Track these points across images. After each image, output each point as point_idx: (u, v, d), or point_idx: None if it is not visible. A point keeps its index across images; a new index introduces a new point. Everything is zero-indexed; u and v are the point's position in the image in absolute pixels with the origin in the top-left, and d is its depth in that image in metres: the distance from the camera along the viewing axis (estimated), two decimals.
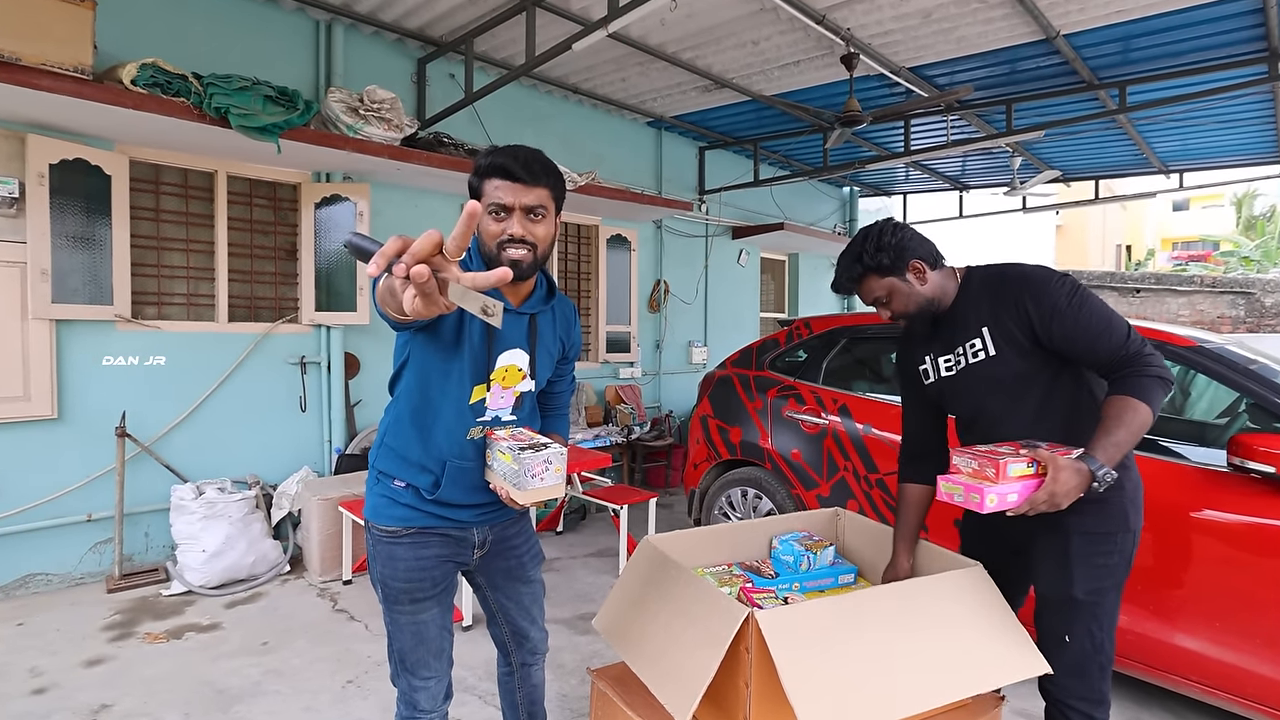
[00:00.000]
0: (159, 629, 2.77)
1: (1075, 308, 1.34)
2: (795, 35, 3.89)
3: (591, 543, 4.03)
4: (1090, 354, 1.35)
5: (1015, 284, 1.41)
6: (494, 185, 1.20)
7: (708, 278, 6.25)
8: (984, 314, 1.44)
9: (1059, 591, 1.39)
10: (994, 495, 1.23)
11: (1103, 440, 1.25)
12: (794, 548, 1.74)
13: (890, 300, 1.50)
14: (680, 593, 1.42)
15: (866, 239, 1.49)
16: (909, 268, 1.47)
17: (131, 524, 3.33)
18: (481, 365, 1.27)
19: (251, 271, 3.75)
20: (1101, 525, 1.38)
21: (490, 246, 1.22)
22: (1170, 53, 4.08)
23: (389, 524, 1.32)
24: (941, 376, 1.55)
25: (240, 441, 3.64)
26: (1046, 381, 1.42)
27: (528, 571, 1.51)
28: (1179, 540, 2.01)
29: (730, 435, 3.43)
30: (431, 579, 1.34)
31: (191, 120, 2.98)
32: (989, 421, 1.48)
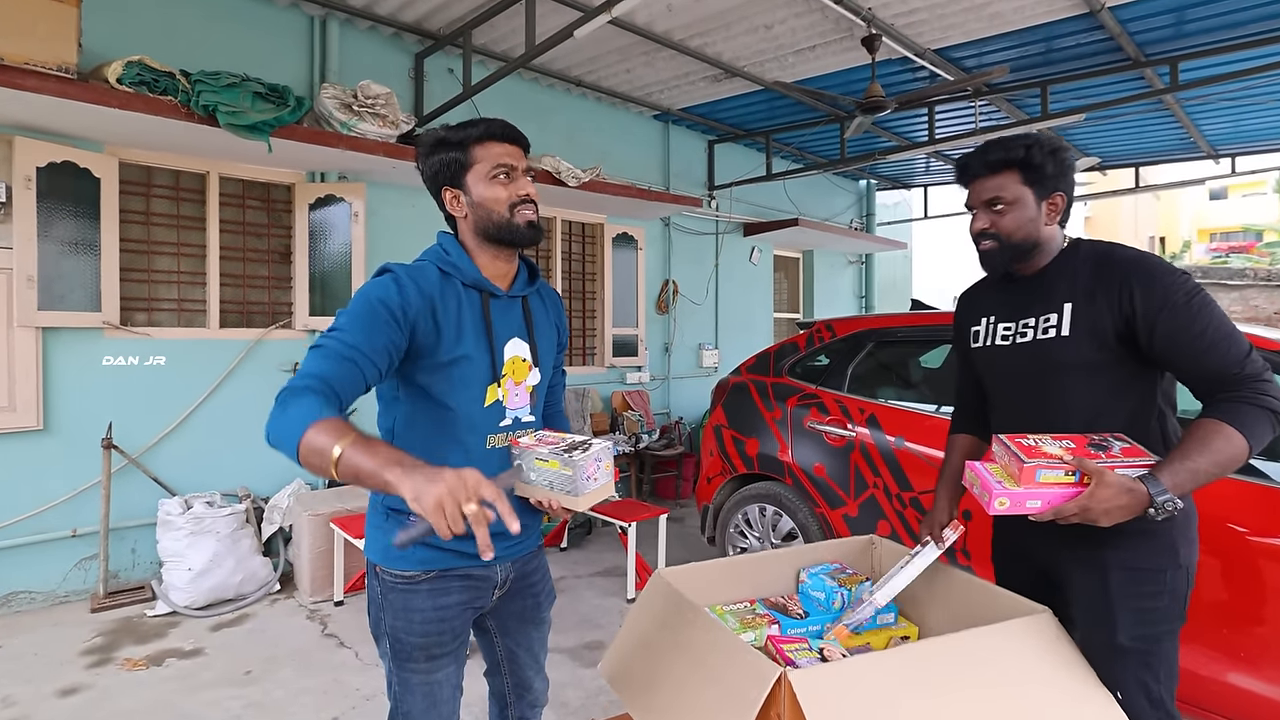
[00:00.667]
0: (139, 654, 2.64)
1: (1193, 307, 1.14)
2: (812, 17, 3.65)
3: (598, 560, 3.83)
4: (1194, 366, 1.14)
5: (1126, 265, 1.21)
6: (496, 149, 1.17)
7: (718, 277, 6.01)
8: (1075, 290, 1.25)
9: (1101, 638, 1.20)
10: (1004, 498, 1.09)
11: (1177, 463, 1.07)
12: (825, 582, 1.53)
13: (1006, 211, 1.27)
14: (698, 640, 1.22)
15: (1041, 139, 1.27)
16: (1052, 195, 1.28)
17: (118, 539, 3.21)
18: (487, 362, 1.17)
19: (244, 275, 3.62)
20: (1146, 560, 1.19)
21: (502, 211, 1.17)
22: (1227, 24, 3.74)
23: (406, 568, 1.17)
24: (994, 344, 1.37)
25: (231, 453, 3.50)
26: (1111, 386, 1.22)
27: (542, 612, 1.40)
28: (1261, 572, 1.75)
29: (747, 447, 3.21)
30: (452, 631, 1.21)
31: (180, 119, 2.86)
32: (1018, 412, 1.32)
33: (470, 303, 1.18)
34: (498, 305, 1.22)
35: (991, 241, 1.30)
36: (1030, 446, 1.14)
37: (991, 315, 1.39)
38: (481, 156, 1.17)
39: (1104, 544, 1.19)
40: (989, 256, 1.32)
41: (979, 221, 1.31)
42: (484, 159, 1.17)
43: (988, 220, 1.29)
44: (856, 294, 7.86)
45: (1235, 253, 16.56)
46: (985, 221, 1.30)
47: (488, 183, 1.17)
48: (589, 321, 5.21)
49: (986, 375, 1.42)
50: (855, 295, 7.85)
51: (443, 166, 1.19)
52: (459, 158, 1.17)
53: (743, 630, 1.39)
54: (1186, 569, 1.21)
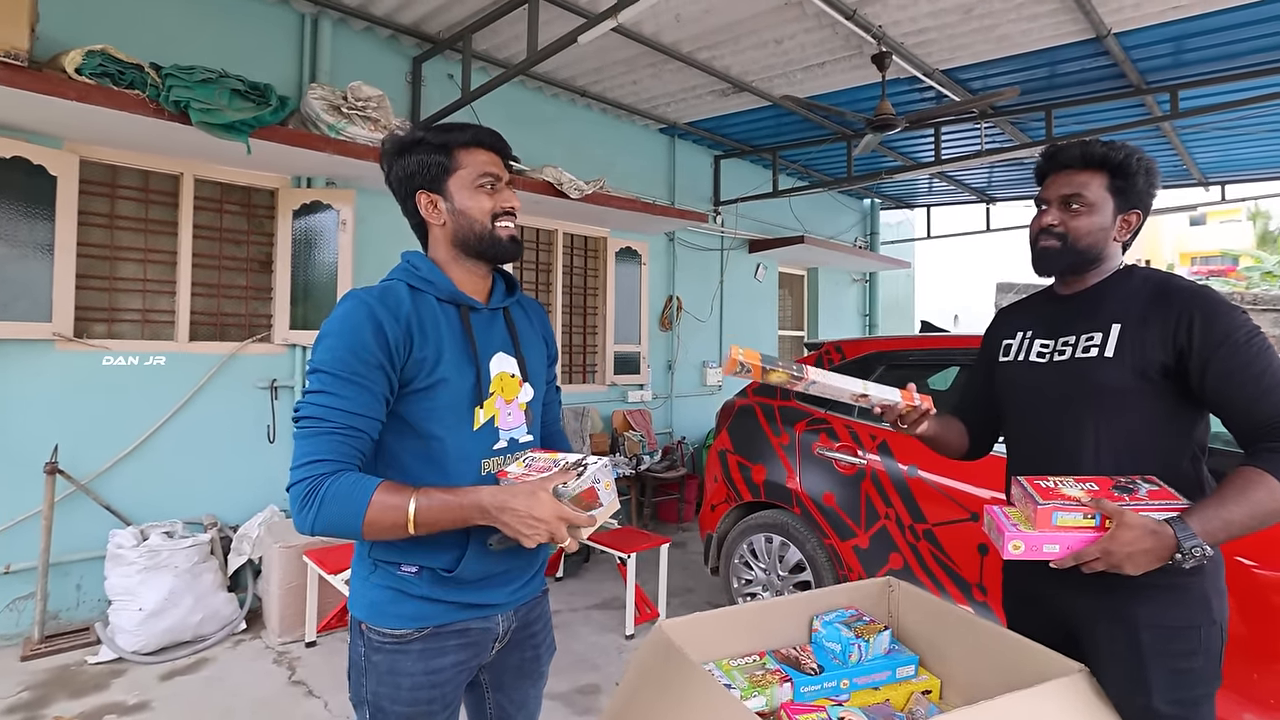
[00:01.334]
0: (72, 711, 2.33)
1: (1253, 347, 1.08)
2: (822, 34, 3.57)
3: (595, 591, 3.60)
4: (1245, 409, 1.07)
5: (1187, 295, 1.15)
6: (483, 157, 1.11)
7: (723, 293, 5.90)
8: (1127, 311, 1.18)
9: (1134, 703, 1.10)
10: (1019, 541, 1.03)
11: (1211, 510, 0.99)
12: (840, 633, 1.39)
13: (1083, 213, 1.20)
14: (703, 708, 1.07)
15: (1138, 151, 1.22)
16: (1132, 210, 1.22)
17: (61, 575, 2.90)
18: (472, 381, 1.07)
19: (219, 285, 3.38)
20: (1179, 617, 1.11)
21: (485, 222, 1.11)
22: (1225, 54, 3.77)
23: (397, 626, 1.05)
24: (1028, 360, 1.29)
25: (198, 477, 3.23)
26: (1145, 420, 1.15)
27: (542, 665, 1.27)
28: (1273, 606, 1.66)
29: (753, 474, 3.05)
30: (443, 699, 1.08)
31: (147, 115, 2.64)
32: (1038, 439, 1.25)
33: (448, 319, 1.09)
34: (479, 319, 1.13)
35: (1056, 241, 1.22)
36: (1048, 489, 1.08)
37: (1029, 330, 1.32)
38: (467, 163, 1.10)
39: (1131, 597, 1.11)
40: (1046, 256, 1.24)
41: (1049, 216, 1.23)
42: (469, 165, 1.10)
43: (1058, 217, 1.22)
44: (861, 312, 7.84)
45: (1214, 276, 17.02)
46: (1055, 218, 1.22)
47: (472, 191, 1.10)
48: (590, 338, 5.03)
49: (1009, 394, 1.33)
50: (859, 314, 7.82)
51: (421, 169, 1.09)
52: (442, 161, 1.09)
53: (752, 692, 1.25)
54: (1220, 625, 1.13)
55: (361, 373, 0.97)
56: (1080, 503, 1.03)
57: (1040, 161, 1.28)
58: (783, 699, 1.24)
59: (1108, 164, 1.19)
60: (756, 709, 1.18)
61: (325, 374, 0.97)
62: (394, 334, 0.99)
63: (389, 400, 1.01)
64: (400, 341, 1.00)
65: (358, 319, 0.99)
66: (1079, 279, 1.25)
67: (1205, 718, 1.12)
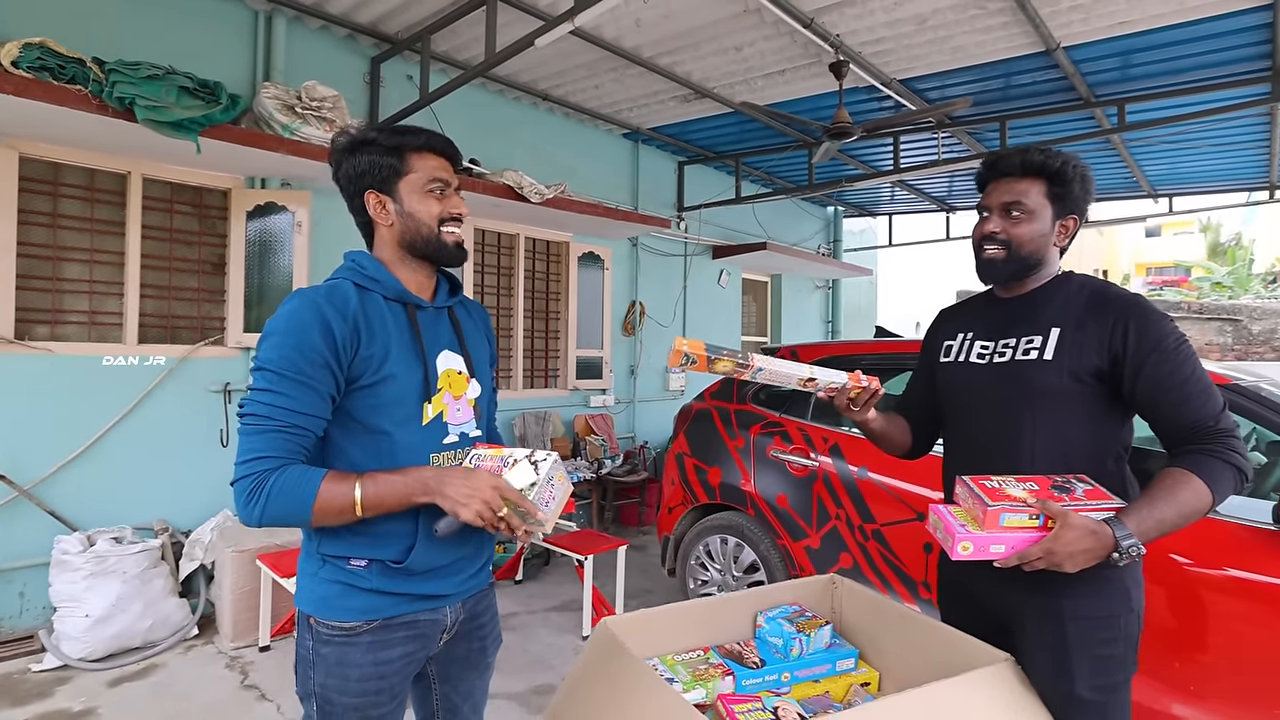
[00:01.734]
0: (14, 719, 2.29)
1: (1181, 355, 1.14)
2: (781, 41, 3.63)
3: (554, 594, 3.61)
4: (1172, 413, 1.14)
5: (1122, 303, 1.20)
6: (433, 162, 1.13)
7: (686, 299, 5.94)
8: (1066, 316, 1.23)
9: (1061, 690, 1.16)
10: (967, 542, 1.06)
11: (1144, 510, 1.05)
12: (783, 628, 1.43)
13: (1024, 219, 1.24)
14: (640, 702, 1.10)
15: (1073, 158, 1.26)
16: (1070, 215, 1.26)
17: (3, 582, 2.83)
18: (419, 377, 1.10)
19: (170, 287, 3.31)
20: (1101, 608, 1.17)
21: (430, 225, 1.12)
22: (1170, 70, 3.92)
23: (347, 619, 1.06)
24: (968, 360, 1.33)
25: (148, 482, 3.16)
26: (1079, 420, 1.20)
27: (488, 657, 1.29)
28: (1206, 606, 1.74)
29: (709, 476, 3.09)
30: (390, 690, 1.09)
31: (90, 111, 2.58)
32: (976, 439, 1.30)
33: (395, 317, 1.11)
34: (425, 317, 1.15)
35: (999, 249, 1.26)
36: (994, 489, 1.11)
37: (970, 332, 1.36)
38: (418, 167, 1.12)
39: (1058, 591, 1.16)
40: (991, 265, 1.28)
41: (991, 224, 1.26)
42: (420, 170, 1.12)
43: (1000, 225, 1.25)
44: (824, 319, 7.94)
45: (1168, 286, 17.65)
46: (998, 225, 1.25)
47: (422, 195, 1.12)
48: (552, 342, 5.02)
49: (949, 394, 1.38)
50: (823, 320, 7.92)
51: (372, 169, 1.11)
52: (393, 164, 1.11)
53: (694, 685, 1.29)
54: (1138, 614, 1.20)
55: (307, 372, 0.99)
56: (1026, 504, 1.07)
57: (980, 170, 1.31)
58: (723, 691, 1.27)
59: (1046, 171, 1.23)
60: (695, 701, 1.22)
61: (271, 373, 0.98)
62: (341, 332, 1.01)
63: (335, 398, 1.03)
64: (347, 339, 1.02)
65: (304, 318, 0.99)
66: (1021, 283, 1.29)
67: (1123, 702, 1.18)
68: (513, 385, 4.70)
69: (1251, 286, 15.01)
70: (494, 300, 4.66)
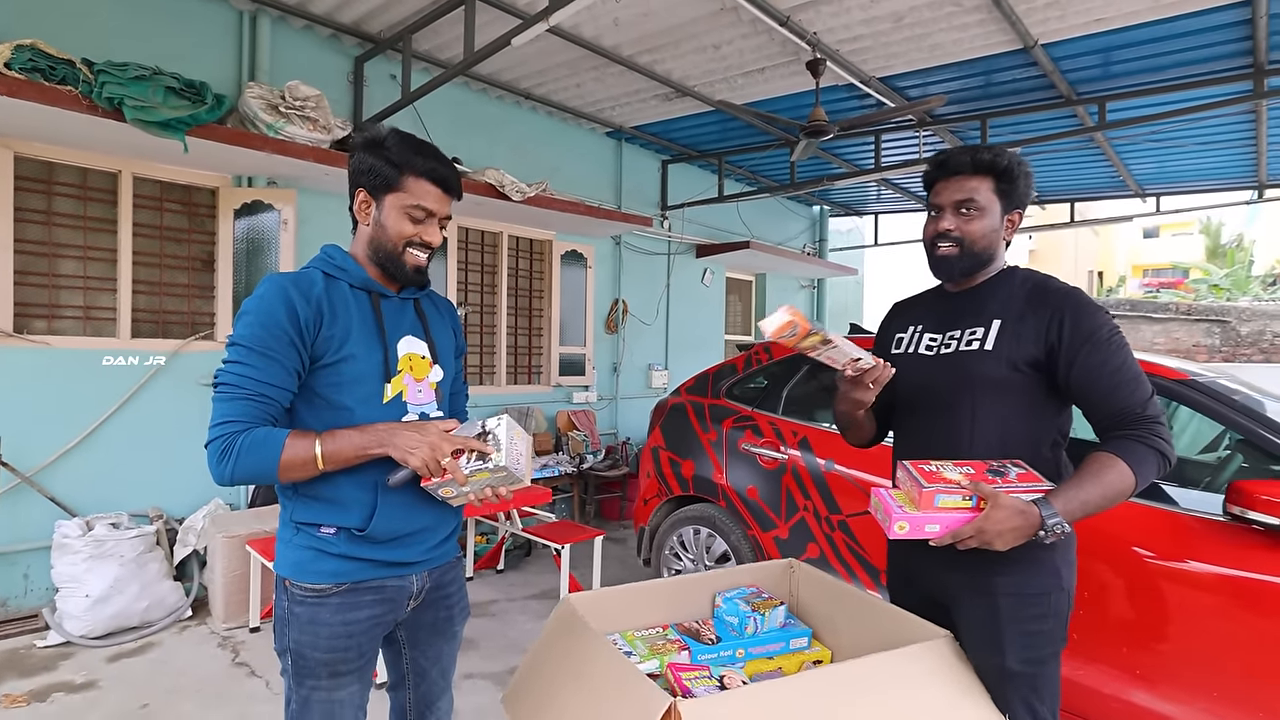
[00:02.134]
0: (21, 689, 2.41)
1: (1113, 346, 1.20)
2: (759, 39, 3.68)
3: (534, 583, 3.70)
4: (1103, 401, 1.20)
5: (1060, 295, 1.26)
6: (423, 188, 1.18)
7: (670, 297, 5.99)
8: (1007, 308, 1.28)
9: (992, 663, 1.23)
10: (904, 522, 1.12)
11: (1070, 491, 1.12)
12: (739, 607, 1.49)
13: (976, 217, 1.29)
14: (594, 669, 1.17)
15: (1017, 155, 1.31)
16: (1016, 211, 1.32)
17: (8, 564, 2.94)
18: (379, 358, 1.18)
19: (161, 283, 3.41)
20: (1032, 585, 1.23)
21: (396, 245, 1.19)
22: (1152, 67, 3.92)
23: (316, 581, 1.15)
24: (917, 352, 1.39)
25: (143, 471, 3.26)
26: (1018, 409, 1.26)
27: (455, 625, 1.36)
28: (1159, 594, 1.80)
29: (683, 469, 3.16)
30: (358, 648, 1.18)
31: (80, 111, 2.66)
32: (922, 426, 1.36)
33: (359, 303, 1.19)
34: (389, 305, 1.23)
35: (953, 246, 1.29)
36: (931, 472, 1.17)
37: (920, 324, 1.41)
38: (411, 189, 1.17)
39: (992, 570, 1.22)
40: (945, 261, 1.31)
41: (945, 222, 1.29)
42: (411, 192, 1.17)
43: (954, 222, 1.29)
44: (809, 318, 7.95)
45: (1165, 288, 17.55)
46: (951, 223, 1.29)
47: (399, 214, 1.17)
48: (535, 340, 5.09)
49: (901, 384, 1.42)
50: None
51: (370, 171, 1.18)
52: (390, 177, 1.17)
53: (650, 657, 1.35)
54: (1068, 592, 1.25)
55: (274, 347, 1.08)
56: (959, 485, 1.13)
57: (930, 169, 1.34)
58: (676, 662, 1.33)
59: (994, 169, 1.27)
60: (649, 670, 1.29)
61: (242, 347, 1.08)
62: (305, 313, 1.10)
63: (300, 373, 1.12)
64: (310, 319, 1.11)
65: (272, 299, 1.10)
66: (968, 278, 1.34)
67: (1051, 674, 1.24)
68: (496, 381, 4.78)
69: (1250, 289, 14.91)
70: (478, 297, 4.73)
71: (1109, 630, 1.85)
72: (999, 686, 1.20)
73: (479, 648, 2.86)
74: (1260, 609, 1.64)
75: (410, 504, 1.18)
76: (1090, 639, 1.86)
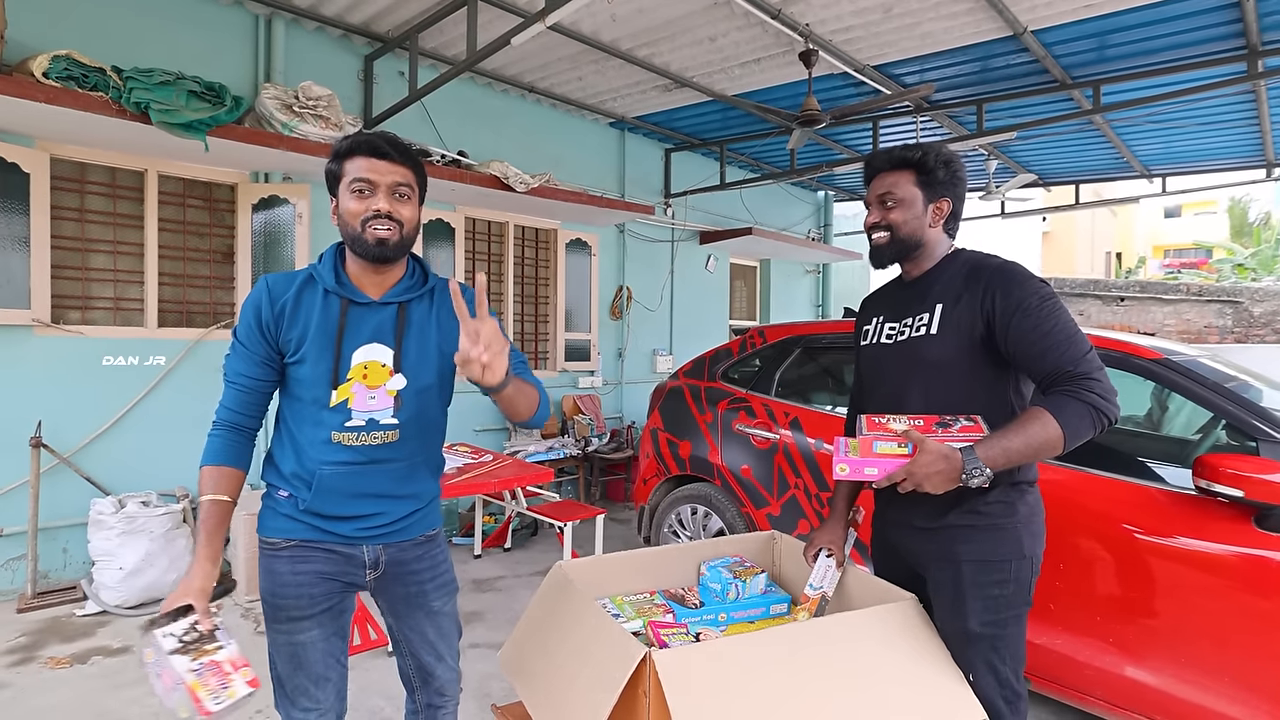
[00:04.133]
0: (64, 653, 2.61)
1: (1044, 310, 1.26)
2: (753, 31, 3.75)
3: (540, 560, 3.87)
4: (1038, 361, 1.25)
5: (990, 273, 1.33)
6: (359, 164, 1.22)
7: (674, 284, 6.09)
8: (946, 291, 1.36)
9: (955, 625, 1.31)
10: (844, 464, 1.22)
11: (994, 440, 1.19)
12: (722, 575, 1.62)
13: (896, 207, 1.39)
14: (580, 626, 1.30)
15: (937, 148, 1.41)
16: (940, 199, 1.40)
17: (49, 539, 3.17)
18: (327, 366, 1.24)
19: (184, 275, 3.60)
20: (994, 553, 1.31)
21: (354, 225, 1.22)
22: (1144, 50, 3.95)
23: (270, 535, 1.28)
24: (879, 343, 1.48)
25: (169, 453, 3.47)
26: (967, 385, 1.33)
27: (430, 601, 1.40)
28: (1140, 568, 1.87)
29: (680, 449, 3.28)
30: (309, 597, 1.27)
31: (110, 116, 2.84)
32: (882, 406, 1.42)
33: (328, 309, 1.26)
34: (358, 312, 1.26)
35: (884, 234, 1.40)
36: (879, 424, 1.29)
37: (882, 315, 1.49)
38: (348, 170, 1.23)
39: (958, 540, 1.31)
40: (879, 249, 1.43)
41: (872, 215, 1.42)
42: (349, 172, 1.23)
43: (880, 214, 1.41)
44: (814, 303, 8.00)
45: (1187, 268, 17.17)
46: (878, 215, 1.41)
47: (347, 196, 1.23)
48: (541, 326, 5.24)
49: (868, 372, 1.53)
50: (812, 304, 7.98)
51: (329, 176, 1.28)
52: (334, 169, 1.25)
53: (635, 617, 1.46)
54: (1031, 559, 1.32)
55: (245, 342, 1.24)
56: (895, 434, 1.23)
57: (864, 169, 1.48)
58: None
59: (909, 163, 1.38)
60: (632, 629, 1.40)
61: (234, 339, 1.27)
62: (266, 315, 1.24)
63: (274, 365, 1.26)
64: (271, 322, 1.24)
65: (252, 300, 1.25)
66: (915, 265, 1.42)
67: (1013, 636, 1.31)
68: None
69: (1277, 268, 14.56)
70: None
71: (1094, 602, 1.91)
72: (962, 648, 1.29)
73: (485, 620, 3.03)
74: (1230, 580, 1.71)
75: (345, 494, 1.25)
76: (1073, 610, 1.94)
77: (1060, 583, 1.96)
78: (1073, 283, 8.06)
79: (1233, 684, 1.70)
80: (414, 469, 1.34)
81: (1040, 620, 1.96)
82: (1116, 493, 1.95)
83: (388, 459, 1.29)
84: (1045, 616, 1.97)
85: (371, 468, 1.28)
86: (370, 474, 1.28)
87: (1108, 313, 7.61)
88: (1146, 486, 1.93)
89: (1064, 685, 1.98)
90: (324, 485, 1.24)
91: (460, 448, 3.44)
